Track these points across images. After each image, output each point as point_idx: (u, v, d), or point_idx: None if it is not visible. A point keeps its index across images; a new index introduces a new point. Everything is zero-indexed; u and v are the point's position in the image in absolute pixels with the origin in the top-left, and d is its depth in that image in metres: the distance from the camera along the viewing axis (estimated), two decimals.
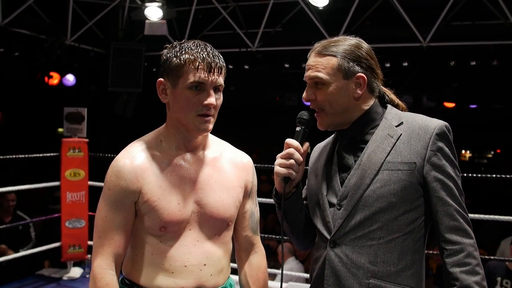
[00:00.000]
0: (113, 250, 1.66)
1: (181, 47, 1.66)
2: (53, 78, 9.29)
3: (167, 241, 1.68)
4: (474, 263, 1.56)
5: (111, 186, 1.67)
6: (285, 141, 1.69)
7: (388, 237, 1.60)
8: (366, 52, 1.70)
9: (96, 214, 1.71)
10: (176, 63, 1.64)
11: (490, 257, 5.24)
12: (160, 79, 1.70)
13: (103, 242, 1.66)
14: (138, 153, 1.70)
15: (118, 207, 1.66)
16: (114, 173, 1.67)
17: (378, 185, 1.61)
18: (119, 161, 1.69)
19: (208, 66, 1.62)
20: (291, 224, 1.79)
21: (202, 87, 1.63)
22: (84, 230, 5.17)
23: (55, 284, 4.99)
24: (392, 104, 1.78)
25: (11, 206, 5.58)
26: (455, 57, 7.60)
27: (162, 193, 1.67)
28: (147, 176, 1.67)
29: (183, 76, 1.63)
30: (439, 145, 1.61)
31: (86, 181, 5.17)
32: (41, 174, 6.25)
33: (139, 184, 1.66)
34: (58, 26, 7.96)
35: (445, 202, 1.59)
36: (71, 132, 5.19)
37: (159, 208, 1.65)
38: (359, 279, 1.60)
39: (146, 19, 7.07)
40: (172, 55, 1.66)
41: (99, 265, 1.65)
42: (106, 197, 1.68)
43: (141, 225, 1.69)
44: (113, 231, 1.66)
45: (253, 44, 7.77)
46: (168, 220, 1.66)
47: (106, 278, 1.64)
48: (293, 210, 1.75)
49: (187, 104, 1.64)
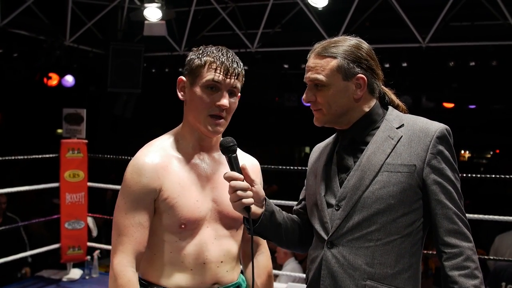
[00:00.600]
0: (134, 248, 1.68)
1: (204, 50, 1.74)
2: (52, 79, 9.27)
3: (186, 238, 1.72)
4: (473, 266, 1.56)
5: (131, 184, 1.70)
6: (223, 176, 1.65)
7: (386, 239, 1.60)
8: (366, 53, 1.69)
9: (115, 212, 1.73)
10: (197, 64, 1.72)
11: (489, 258, 5.25)
12: (181, 77, 1.77)
13: (123, 240, 1.68)
14: (158, 151, 1.75)
15: (139, 205, 1.69)
16: (135, 170, 1.70)
17: (377, 187, 1.60)
18: (139, 159, 1.72)
19: (226, 69, 1.69)
20: (276, 240, 1.79)
21: (217, 88, 1.69)
22: (84, 231, 5.17)
23: (55, 285, 4.98)
24: (392, 104, 1.77)
25: (2, 209, 5.55)
26: (454, 57, 7.60)
27: (181, 191, 1.71)
28: (167, 174, 1.71)
29: (201, 76, 1.70)
30: (439, 148, 1.60)
31: (85, 182, 5.17)
32: (40, 175, 6.23)
33: (160, 182, 1.70)
34: (57, 27, 7.95)
35: (444, 205, 1.59)
36: (70, 133, 5.19)
37: (179, 206, 1.70)
38: (356, 281, 1.60)
39: (145, 20, 7.06)
40: (194, 56, 1.74)
41: (120, 262, 1.67)
42: (127, 195, 1.70)
43: (160, 223, 1.72)
44: (133, 228, 1.68)
45: (253, 45, 7.77)
46: (188, 217, 1.70)
47: (127, 275, 1.66)
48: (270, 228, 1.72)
49: (200, 103, 1.70)
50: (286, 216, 1.80)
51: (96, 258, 5.24)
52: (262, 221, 1.68)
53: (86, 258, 5.22)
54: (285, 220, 1.77)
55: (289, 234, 1.78)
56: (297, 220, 1.85)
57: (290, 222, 1.80)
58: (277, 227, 1.74)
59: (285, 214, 1.80)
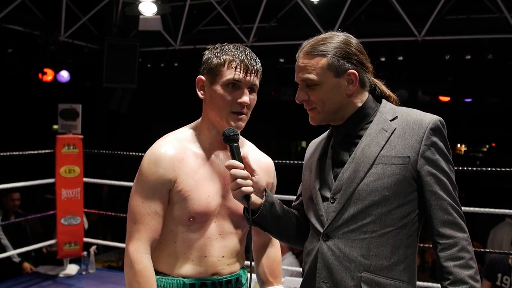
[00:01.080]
0: (150, 235, 1.73)
1: (222, 49, 1.77)
2: (47, 74, 9.23)
3: (193, 231, 1.76)
4: (467, 257, 1.56)
5: (148, 173, 1.73)
6: (225, 165, 1.68)
7: (381, 230, 1.60)
8: (355, 48, 1.68)
9: (130, 200, 1.77)
10: (216, 63, 1.74)
11: (486, 250, 5.27)
12: (200, 76, 1.80)
13: (139, 228, 1.73)
14: (175, 143, 1.78)
15: (154, 194, 1.73)
16: (153, 160, 1.74)
17: (372, 179, 1.60)
18: (157, 150, 1.76)
19: (245, 67, 1.73)
20: (275, 232, 1.80)
21: (238, 86, 1.73)
22: (80, 227, 5.16)
23: (51, 281, 4.98)
24: (383, 95, 1.77)
25: (16, 206, 5.62)
26: (450, 51, 7.61)
27: (195, 185, 1.74)
28: (183, 166, 1.74)
29: (221, 74, 1.73)
30: (433, 139, 1.60)
31: (81, 177, 5.16)
32: (36, 171, 6.23)
33: (175, 174, 1.73)
34: (52, 22, 7.91)
35: (439, 196, 1.59)
36: (66, 129, 5.17)
37: (191, 199, 1.73)
38: (352, 273, 1.60)
39: (140, 15, 7.04)
40: (213, 55, 1.77)
41: (137, 249, 1.72)
42: (143, 184, 1.74)
43: (171, 214, 1.76)
44: (149, 216, 1.73)
45: (248, 39, 7.75)
46: (198, 210, 1.74)
47: (144, 262, 1.71)
48: (270, 219, 1.73)
49: (222, 101, 1.73)
50: (287, 209, 1.81)
51: (92, 253, 5.24)
52: (261, 212, 1.69)
53: (83, 254, 5.22)
54: (285, 213, 1.78)
55: (288, 227, 1.79)
56: (297, 215, 1.85)
57: (291, 216, 1.81)
58: (277, 219, 1.75)
59: (285, 208, 1.80)
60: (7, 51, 7.77)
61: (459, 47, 7.47)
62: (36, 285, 4.89)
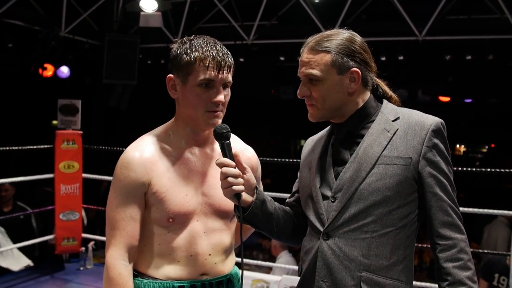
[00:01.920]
0: (126, 241, 1.70)
1: (191, 44, 1.69)
2: (47, 70, 9.23)
3: (175, 231, 1.73)
4: (466, 258, 1.58)
5: (121, 178, 1.71)
6: (216, 163, 1.65)
7: (382, 230, 1.61)
8: (359, 46, 1.69)
9: (107, 206, 1.75)
10: (187, 61, 1.67)
11: (484, 251, 5.28)
12: (170, 75, 1.74)
13: (115, 233, 1.71)
14: (148, 146, 1.75)
15: (129, 198, 1.70)
16: (124, 165, 1.72)
17: (374, 179, 1.61)
18: (129, 154, 1.74)
19: (218, 64, 1.66)
20: (267, 230, 1.78)
21: (212, 85, 1.68)
22: (78, 223, 5.17)
23: (49, 276, 4.98)
24: (385, 96, 1.78)
25: (4, 196, 5.55)
26: (451, 51, 7.60)
27: (170, 185, 1.72)
28: (156, 168, 1.72)
29: (193, 74, 1.67)
30: (434, 141, 1.62)
31: (80, 173, 5.16)
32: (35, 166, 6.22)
33: (149, 176, 1.71)
34: (52, 18, 7.90)
35: (439, 198, 1.61)
36: (65, 124, 5.17)
37: (167, 200, 1.70)
38: (351, 272, 1.60)
39: (141, 11, 7.03)
40: (182, 52, 1.70)
41: (112, 255, 1.70)
42: (117, 189, 1.72)
43: (149, 216, 1.74)
44: (125, 222, 1.70)
45: (249, 37, 7.74)
46: (176, 211, 1.71)
47: (118, 268, 1.68)
48: (261, 217, 1.72)
49: (197, 101, 1.69)
50: (278, 206, 1.80)
51: (90, 249, 5.24)
52: (252, 209, 1.68)
53: (81, 250, 5.23)
54: (276, 211, 1.77)
55: (280, 225, 1.78)
56: (289, 212, 1.85)
57: (282, 213, 1.80)
58: (268, 217, 1.74)
59: (277, 205, 1.79)
60: (8, 46, 7.76)
61: (460, 47, 7.46)
62: (34, 280, 4.90)
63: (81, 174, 5.18)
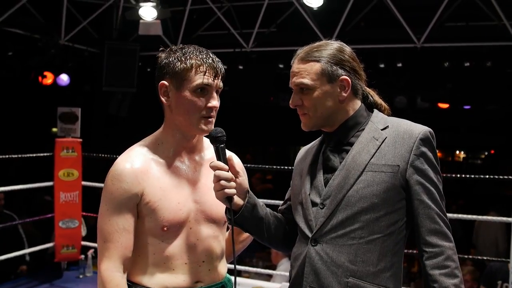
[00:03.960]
0: (120, 253, 1.69)
1: (183, 52, 1.72)
2: (47, 77, 9.24)
3: (169, 240, 1.73)
4: (453, 266, 1.60)
5: (113, 190, 1.71)
6: (209, 165, 1.68)
7: (369, 237, 1.62)
8: (348, 55, 1.73)
9: (98, 219, 1.74)
10: (182, 67, 1.70)
11: (483, 258, 5.27)
12: (163, 82, 1.75)
13: (108, 246, 1.69)
14: (138, 156, 1.75)
15: (121, 210, 1.70)
16: (116, 177, 1.72)
17: (361, 186, 1.63)
18: (119, 165, 1.73)
19: (214, 71, 1.71)
20: (257, 234, 1.81)
21: (207, 90, 1.71)
22: (78, 231, 5.16)
23: (48, 284, 4.97)
24: (375, 105, 1.80)
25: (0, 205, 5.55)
26: (449, 58, 7.62)
27: (162, 194, 1.72)
28: (147, 178, 1.72)
29: (189, 79, 1.70)
30: (422, 150, 1.64)
31: (79, 181, 5.16)
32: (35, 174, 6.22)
33: (141, 187, 1.71)
34: (52, 26, 7.92)
35: (426, 205, 1.63)
36: (65, 132, 5.18)
37: (160, 209, 1.71)
38: (338, 278, 1.62)
39: (140, 19, 7.05)
40: (174, 59, 1.72)
41: (107, 268, 1.68)
42: (109, 201, 1.71)
43: (142, 226, 1.73)
44: (118, 234, 1.69)
45: (248, 44, 7.76)
46: (169, 219, 1.71)
47: (115, 281, 1.67)
48: (251, 221, 1.74)
49: (192, 106, 1.70)
50: (270, 212, 1.82)
51: (90, 257, 5.23)
52: (243, 212, 1.70)
53: (80, 257, 5.22)
54: (267, 216, 1.79)
55: (270, 230, 1.80)
56: (281, 218, 1.87)
57: (273, 219, 1.82)
58: (258, 221, 1.76)
59: (268, 210, 1.82)
60: (8, 54, 7.77)
61: (458, 54, 7.49)
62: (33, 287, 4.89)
63: (81, 182, 5.18)
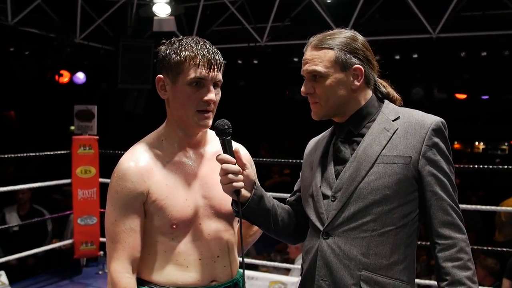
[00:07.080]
0: (128, 253, 1.67)
1: (180, 44, 1.68)
2: (63, 76, 9.34)
3: (179, 237, 1.70)
4: (466, 258, 1.58)
5: (118, 190, 1.68)
6: (216, 158, 1.66)
7: (381, 229, 1.61)
8: (362, 44, 1.70)
9: (105, 220, 1.72)
10: (176, 60, 1.66)
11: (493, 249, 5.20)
12: (159, 75, 1.72)
13: (116, 247, 1.67)
14: (141, 154, 1.72)
15: (127, 210, 1.67)
16: (120, 176, 1.69)
17: (373, 178, 1.62)
18: (123, 164, 1.70)
19: (209, 62, 1.65)
20: (264, 226, 1.79)
21: (202, 83, 1.66)
22: (96, 227, 5.21)
23: (68, 281, 5.03)
24: (387, 96, 1.78)
25: (21, 199, 5.63)
26: (466, 48, 7.52)
27: (169, 191, 1.69)
28: (152, 176, 1.69)
29: (184, 73, 1.65)
30: (434, 140, 1.62)
31: (97, 178, 5.21)
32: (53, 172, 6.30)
33: (146, 185, 1.67)
34: (67, 25, 7.99)
35: (439, 197, 1.60)
36: (82, 130, 5.22)
37: (168, 206, 1.68)
38: (351, 271, 1.61)
39: (154, 16, 7.08)
40: (171, 52, 1.68)
41: (115, 269, 1.66)
42: (114, 201, 1.69)
43: (151, 225, 1.70)
44: (125, 234, 1.67)
45: (262, 39, 7.75)
46: (178, 217, 1.68)
47: (123, 282, 1.65)
48: (258, 212, 1.73)
49: (187, 100, 1.67)
50: (277, 204, 1.81)
51: None
52: (249, 204, 1.68)
53: (99, 254, 5.27)
54: (274, 208, 1.78)
55: (278, 222, 1.78)
56: (288, 210, 1.85)
57: (280, 210, 1.80)
58: (265, 213, 1.74)
59: (275, 202, 1.80)
60: (24, 54, 7.85)
61: (475, 43, 7.38)
62: (53, 284, 4.96)
63: (98, 179, 5.22)
